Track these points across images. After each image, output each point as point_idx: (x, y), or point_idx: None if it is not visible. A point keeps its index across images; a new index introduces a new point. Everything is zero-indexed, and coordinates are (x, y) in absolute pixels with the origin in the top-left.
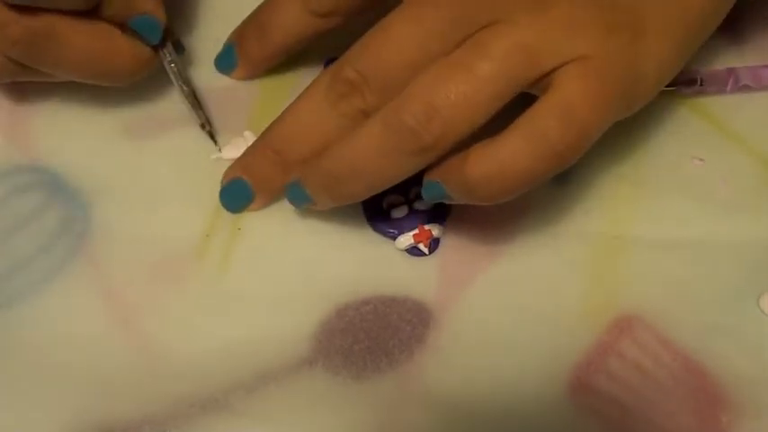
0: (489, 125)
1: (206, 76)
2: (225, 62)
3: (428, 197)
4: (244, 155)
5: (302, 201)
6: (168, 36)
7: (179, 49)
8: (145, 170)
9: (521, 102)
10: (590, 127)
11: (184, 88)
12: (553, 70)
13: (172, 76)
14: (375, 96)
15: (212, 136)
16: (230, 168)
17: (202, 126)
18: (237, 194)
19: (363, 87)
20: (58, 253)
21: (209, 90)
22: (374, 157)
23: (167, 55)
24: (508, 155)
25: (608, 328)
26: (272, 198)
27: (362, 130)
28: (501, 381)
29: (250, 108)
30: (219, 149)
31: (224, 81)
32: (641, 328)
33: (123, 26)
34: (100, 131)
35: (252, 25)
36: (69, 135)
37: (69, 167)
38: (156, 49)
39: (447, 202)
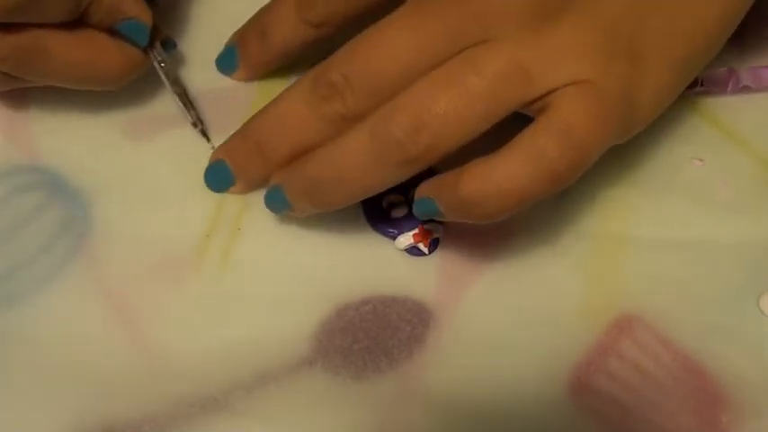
0: (485, 141)
1: (206, 76)
2: (226, 63)
3: (420, 214)
4: (229, 139)
5: (281, 206)
6: (157, 35)
7: (168, 46)
8: (145, 170)
9: (515, 118)
10: (589, 148)
11: (174, 87)
12: (548, 93)
13: (162, 76)
14: (357, 101)
15: (204, 134)
16: (216, 150)
17: (194, 125)
18: (219, 176)
19: (346, 91)
20: (58, 253)
21: (207, 90)
22: (359, 165)
23: (157, 56)
24: (505, 174)
25: (608, 328)
26: (252, 185)
27: (349, 137)
28: (501, 381)
29: (249, 108)
30: (213, 147)
31: (223, 81)
32: (641, 328)
33: (111, 30)
34: (100, 131)
35: (253, 28)
36: (69, 135)
37: (69, 167)
38: (146, 50)
39: (439, 219)
